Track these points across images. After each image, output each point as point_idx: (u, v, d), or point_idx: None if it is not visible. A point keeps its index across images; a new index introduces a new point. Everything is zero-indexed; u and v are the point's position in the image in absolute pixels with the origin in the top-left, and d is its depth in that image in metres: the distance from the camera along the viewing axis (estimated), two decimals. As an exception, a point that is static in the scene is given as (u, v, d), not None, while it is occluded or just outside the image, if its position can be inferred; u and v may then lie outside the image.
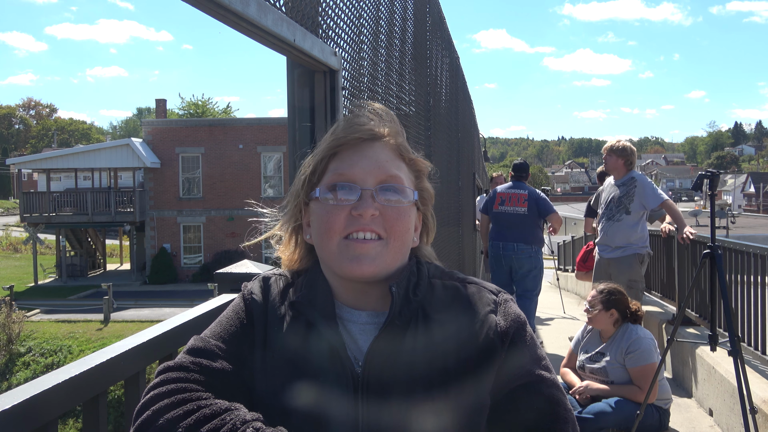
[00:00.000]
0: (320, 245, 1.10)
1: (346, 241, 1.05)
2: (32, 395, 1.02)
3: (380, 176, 1.08)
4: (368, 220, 1.05)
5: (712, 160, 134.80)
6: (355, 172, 1.08)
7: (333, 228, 1.06)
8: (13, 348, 20.28)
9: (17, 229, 45.16)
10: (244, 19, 1.31)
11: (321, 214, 1.08)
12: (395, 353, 1.03)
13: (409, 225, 1.11)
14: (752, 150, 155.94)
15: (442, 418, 1.00)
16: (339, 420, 1.00)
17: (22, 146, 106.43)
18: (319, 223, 1.09)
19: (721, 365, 4.71)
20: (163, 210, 30.28)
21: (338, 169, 1.09)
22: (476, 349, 1.04)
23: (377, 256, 1.05)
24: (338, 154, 1.11)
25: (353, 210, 1.05)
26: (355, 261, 1.04)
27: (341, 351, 1.03)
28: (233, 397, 1.01)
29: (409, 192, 1.11)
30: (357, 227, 1.05)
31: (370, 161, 1.09)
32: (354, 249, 1.05)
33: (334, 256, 1.07)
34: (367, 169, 1.08)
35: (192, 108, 43.39)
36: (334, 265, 1.08)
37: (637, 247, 5.66)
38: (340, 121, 1.17)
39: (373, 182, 1.08)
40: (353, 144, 1.11)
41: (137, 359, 1.33)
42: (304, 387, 1.02)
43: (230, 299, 1.77)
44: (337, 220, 1.06)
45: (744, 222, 38.45)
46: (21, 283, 29.38)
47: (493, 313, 1.08)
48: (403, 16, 3.35)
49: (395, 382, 1.01)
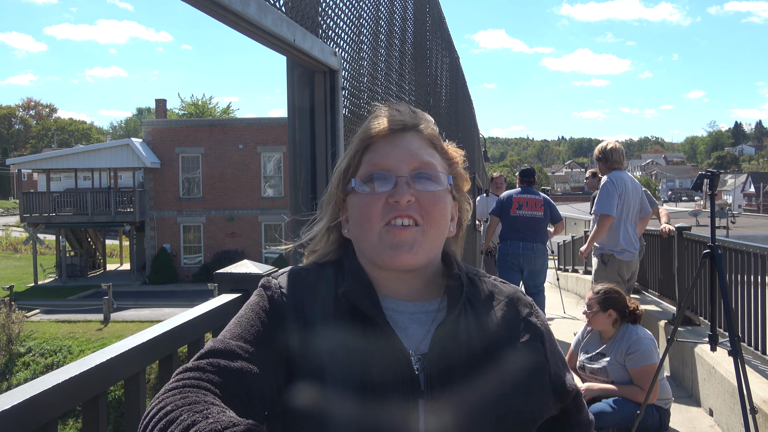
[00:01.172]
0: (360, 237, 1.10)
1: (386, 227, 1.06)
2: (32, 395, 1.02)
3: (414, 164, 1.09)
4: (405, 206, 1.06)
5: (712, 159, 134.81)
6: (389, 161, 1.09)
7: (372, 218, 1.07)
8: (12, 348, 20.27)
9: (17, 229, 45.16)
10: (244, 19, 1.31)
11: (359, 205, 1.09)
12: (455, 341, 1.04)
13: (445, 211, 1.11)
14: (752, 150, 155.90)
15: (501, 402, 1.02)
16: (402, 418, 0.98)
17: (22, 146, 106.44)
18: (358, 214, 1.09)
19: (721, 365, 4.71)
20: (163, 210, 30.28)
21: (372, 160, 1.11)
22: (524, 349, 1.09)
23: (415, 243, 1.06)
24: (371, 146, 1.12)
25: (389, 197, 1.06)
26: (395, 249, 1.05)
27: (397, 342, 1.01)
28: (255, 401, 0.95)
29: (443, 178, 1.11)
30: (395, 214, 1.06)
31: (403, 150, 1.10)
32: (393, 236, 1.05)
33: (374, 246, 1.07)
34: (400, 158, 1.09)
35: (191, 109, 43.36)
36: (374, 256, 1.08)
37: (596, 248, 5.79)
38: (375, 116, 1.17)
39: (407, 170, 1.08)
40: (385, 135, 1.12)
41: (137, 359, 1.33)
42: (360, 382, 0.98)
43: (230, 299, 1.77)
44: (374, 209, 1.07)
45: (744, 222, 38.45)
46: (21, 284, 29.38)
47: (533, 316, 1.14)
48: (402, 16, 3.35)
49: (456, 371, 1.01)
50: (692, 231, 6.40)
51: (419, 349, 1.04)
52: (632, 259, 5.71)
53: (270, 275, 1.15)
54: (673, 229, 6.16)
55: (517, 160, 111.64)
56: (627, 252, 5.66)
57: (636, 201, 5.71)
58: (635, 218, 5.74)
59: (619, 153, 5.68)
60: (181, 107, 44.24)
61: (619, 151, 5.69)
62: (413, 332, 1.06)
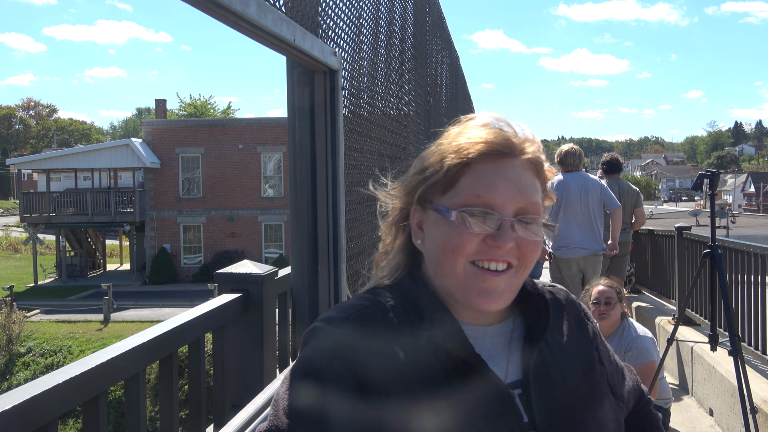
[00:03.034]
0: (440, 262, 0.97)
1: (474, 267, 0.94)
2: (32, 395, 1.02)
3: (521, 203, 0.96)
4: (504, 252, 0.94)
5: (712, 159, 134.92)
6: (495, 197, 0.95)
7: (461, 252, 0.94)
8: (13, 348, 20.27)
9: (17, 230, 45.15)
10: (244, 19, 1.31)
11: (448, 232, 0.95)
12: (547, 364, 1.00)
13: (540, 250, 1.03)
14: (752, 150, 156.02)
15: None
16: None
17: (22, 146, 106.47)
18: (444, 241, 0.96)
19: (721, 365, 4.71)
20: (163, 210, 30.28)
21: (474, 188, 0.95)
22: (602, 359, 1.08)
23: (506, 288, 0.96)
24: (472, 166, 0.96)
25: (490, 239, 0.94)
26: (484, 295, 0.94)
27: (494, 378, 0.93)
28: None
29: (545, 214, 1.00)
30: (491, 257, 0.94)
31: (512, 184, 0.96)
32: (484, 280, 0.94)
33: (458, 282, 0.96)
34: (507, 195, 0.95)
35: (190, 109, 43.33)
36: (457, 292, 0.96)
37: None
38: (473, 126, 1.01)
39: (512, 209, 0.95)
40: (492, 159, 0.96)
41: (137, 359, 1.33)
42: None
43: (230, 299, 1.77)
44: (467, 245, 0.94)
45: (744, 222, 38.44)
46: (21, 284, 29.38)
47: (590, 320, 1.11)
48: (402, 16, 3.35)
49: (556, 399, 0.97)
50: (692, 231, 6.41)
51: (508, 376, 0.98)
52: (574, 256, 5.76)
53: (312, 329, 0.97)
54: (616, 252, 6.12)
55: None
56: (567, 249, 5.77)
57: (585, 200, 5.75)
58: (585, 216, 5.75)
59: (573, 156, 5.92)
60: (180, 107, 44.24)
61: (574, 153, 5.94)
62: (498, 359, 0.98)
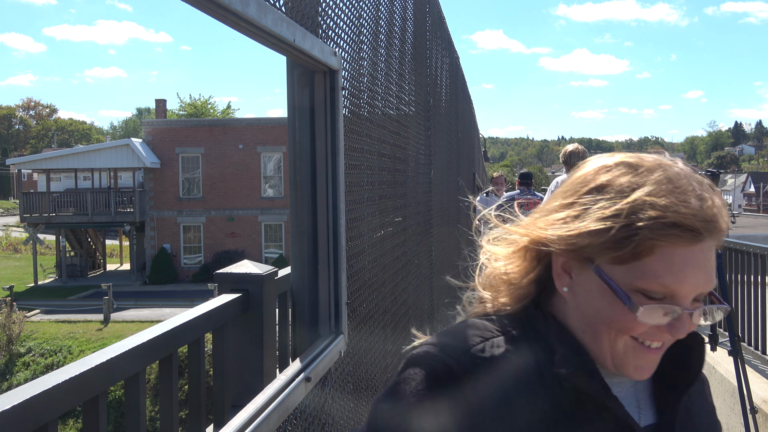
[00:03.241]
0: (595, 331, 0.88)
1: (635, 343, 0.86)
2: (32, 395, 1.02)
3: (704, 291, 0.84)
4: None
5: (712, 159, 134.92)
6: (684, 289, 0.82)
7: (627, 332, 0.86)
8: (13, 348, 20.29)
9: (17, 230, 45.16)
10: (244, 19, 1.31)
11: (616, 311, 0.85)
12: (691, 407, 0.98)
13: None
14: (752, 150, 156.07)
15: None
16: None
17: (22, 146, 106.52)
18: (608, 317, 0.86)
19: (721, 365, 4.71)
20: (163, 210, 30.30)
21: (661, 276, 0.81)
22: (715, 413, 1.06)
23: (657, 360, 0.89)
24: (659, 249, 0.81)
25: (665, 328, 0.84)
26: (638, 370, 0.87)
27: (631, 423, 0.88)
28: None
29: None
30: (654, 338, 0.86)
31: (701, 273, 0.82)
32: (643, 357, 0.87)
33: (614, 354, 0.88)
34: (695, 285, 0.82)
35: (190, 109, 43.34)
36: (607, 360, 0.88)
37: None
38: (666, 179, 0.86)
39: (693, 297, 0.84)
40: (689, 243, 0.81)
41: (137, 359, 1.33)
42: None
43: (230, 299, 1.76)
44: (637, 329, 0.84)
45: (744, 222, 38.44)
46: (21, 284, 29.39)
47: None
48: (402, 16, 3.35)
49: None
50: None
51: (641, 419, 0.94)
52: None
53: (405, 369, 0.90)
54: None
55: (517, 160, 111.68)
56: None
57: None
58: None
59: (577, 156, 6.17)
60: (180, 107, 44.25)
61: (578, 153, 6.21)
62: (627, 402, 0.92)
